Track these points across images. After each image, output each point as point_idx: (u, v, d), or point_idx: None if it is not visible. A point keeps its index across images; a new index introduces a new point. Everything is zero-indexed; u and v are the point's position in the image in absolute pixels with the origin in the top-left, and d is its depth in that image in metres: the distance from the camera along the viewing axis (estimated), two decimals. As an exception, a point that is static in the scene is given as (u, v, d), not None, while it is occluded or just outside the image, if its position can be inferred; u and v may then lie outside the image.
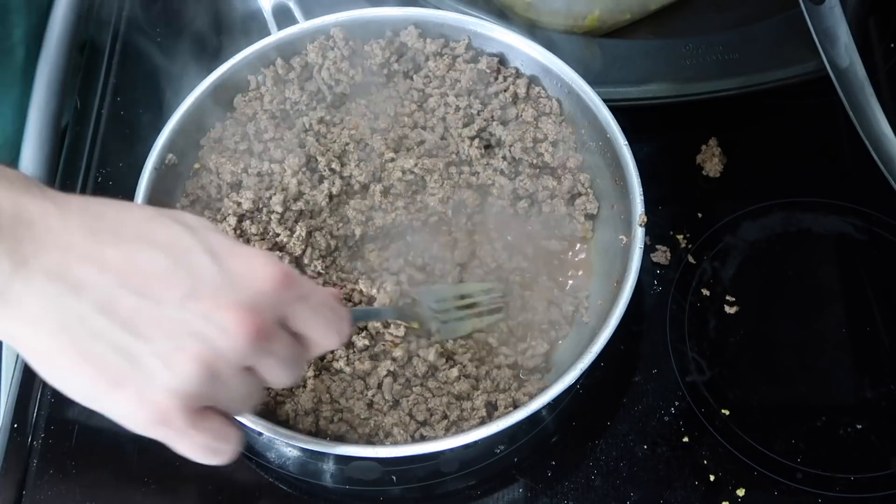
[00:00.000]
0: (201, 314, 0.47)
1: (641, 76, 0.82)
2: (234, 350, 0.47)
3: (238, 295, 0.47)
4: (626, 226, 0.71)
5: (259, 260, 0.49)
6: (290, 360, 0.51)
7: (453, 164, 0.76)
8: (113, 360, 0.47)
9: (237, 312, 0.47)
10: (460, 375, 0.68)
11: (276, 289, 0.49)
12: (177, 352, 0.46)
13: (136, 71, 0.91)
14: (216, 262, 0.48)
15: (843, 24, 0.80)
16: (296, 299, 0.50)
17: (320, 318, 0.51)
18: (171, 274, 0.47)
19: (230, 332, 0.47)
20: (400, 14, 0.80)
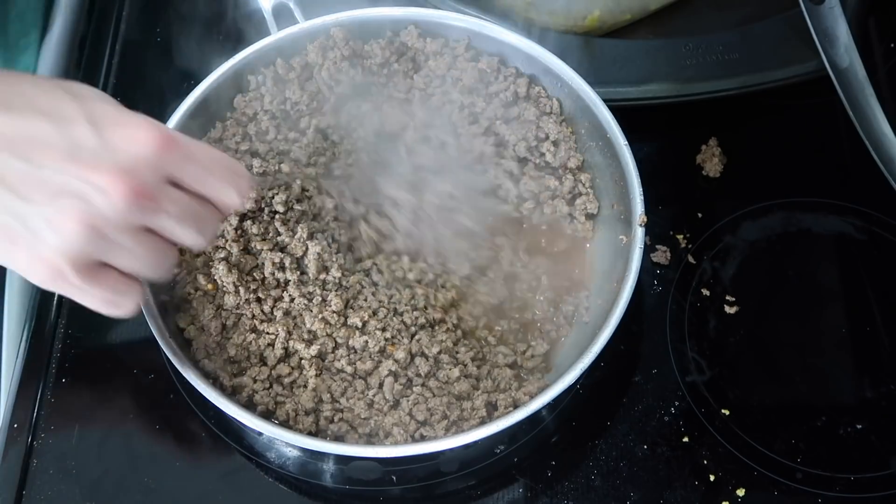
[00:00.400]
0: (80, 177, 0.51)
1: (641, 76, 0.82)
2: (113, 211, 0.51)
3: (116, 159, 0.51)
4: (626, 226, 0.71)
5: (139, 126, 0.52)
6: (188, 218, 0.55)
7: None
8: (7, 222, 0.51)
9: (114, 175, 0.51)
10: (461, 375, 0.68)
11: (156, 151, 0.52)
12: (59, 214, 0.51)
13: (136, 71, 0.91)
14: (97, 130, 0.51)
15: (843, 24, 0.80)
16: (182, 160, 0.54)
17: (213, 175, 0.55)
18: (53, 140, 0.51)
19: (108, 193, 0.51)
20: (400, 14, 0.80)
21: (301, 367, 0.68)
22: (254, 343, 0.68)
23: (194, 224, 0.55)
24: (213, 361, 0.67)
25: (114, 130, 0.52)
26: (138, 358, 0.74)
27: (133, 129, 0.52)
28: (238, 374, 0.68)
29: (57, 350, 0.75)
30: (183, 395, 0.73)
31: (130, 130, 0.52)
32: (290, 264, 0.69)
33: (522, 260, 0.75)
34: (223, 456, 0.72)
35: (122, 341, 0.76)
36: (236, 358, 0.68)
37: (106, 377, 0.75)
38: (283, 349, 0.68)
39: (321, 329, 0.68)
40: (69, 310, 0.77)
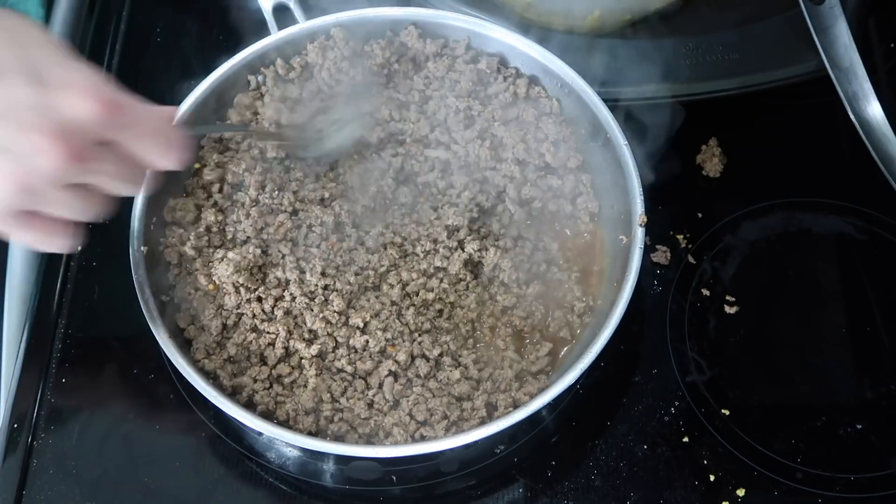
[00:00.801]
0: (16, 136, 0.49)
1: (641, 76, 0.82)
2: (48, 171, 0.50)
3: (55, 121, 0.50)
4: (626, 226, 0.71)
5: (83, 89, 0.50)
6: (122, 176, 0.54)
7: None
8: None
9: (47, 136, 0.49)
10: (461, 377, 0.68)
11: (97, 117, 0.51)
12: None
13: (136, 71, 0.90)
14: (36, 86, 0.49)
15: (843, 24, 0.80)
16: (120, 126, 0.53)
17: (148, 143, 0.55)
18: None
19: (44, 154, 0.50)
20: (400, 14, 0.80)
21: (301, 366, 0.68)
22: (254, 343, 0.68)
23: (124, 179, 0.55)
24: (213, 361, 0.67)
25: (56, 91, 0.50)
26: (138, 358, 0.74)
27: (76, 93, 0.50)
28: (238, 374, 0.68)
29: (57, 350, 0.75)
30: (183, 395, 0.73)
31: (73, 93, 0.50)
32: (291, 263, 0.69)
33: (528, 261, 0.75)
34: (223, 456, 0.72)
35: (123, 341, 0.76)
36: (236, 358, 0.68)
37: (106, 377, 0.75)
38: (284, 349, 0.68)
39: (322, 329, 0.68)
40: (69, 310, 0.77)
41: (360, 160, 0.77)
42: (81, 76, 0.51)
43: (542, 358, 0.70)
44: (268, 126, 0.76)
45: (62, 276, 0.79)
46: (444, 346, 0.69)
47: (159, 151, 0.56)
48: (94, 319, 0.77)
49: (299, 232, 0.73)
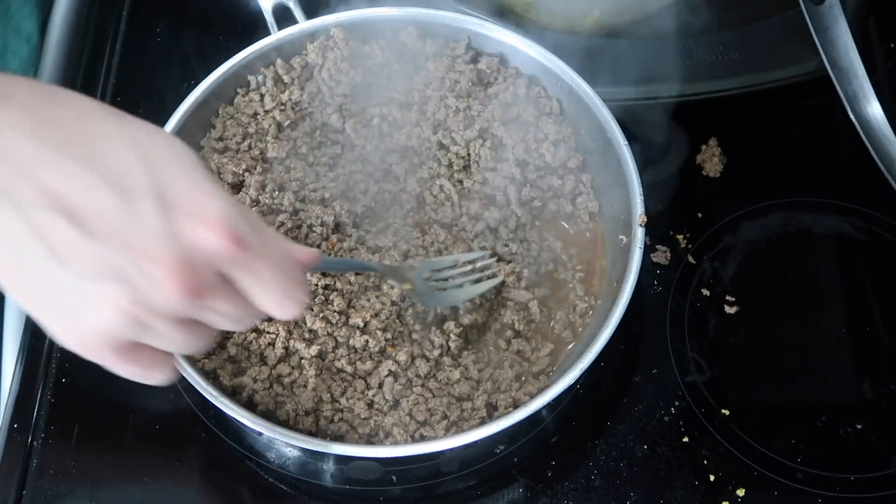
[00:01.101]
0: (133, 261, 0.44)
1: (641, 76, 0.82)
2: (162, 304, 0.46)
3: (177, 249, 0.45)
4: (626, 226, 0.71)
5: (212, 214, 0.46)
6: (234, 316, 0.49)
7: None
8: (45, 287, 0.46)
9: (170, 268, 0.45)
10: (461, 377, 0.68)
11: (222, 253, 0.46)
12: (101, 295, 0.45)
13: (136, 71, 0.91)
14: (163, 210, 0.45)
15: (843, 23, 0.80)
16: (245, 263, 0.47)
17: (268, 288, 0.48)
18: (112, 211, 0.44)
19: (161, 286, 0.45)
20: (400, 14, 0.79)
21: (301, 366, 0.68)
22: (254, 342, 0.68)
23: (236, 319, 0.49)
24: (212, 361, 0.67)
25: (183, 217, 0.45)
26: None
27: (204, 223, 0.45)
28: (238, 374, 0.68)
29: (57, 350, 0.75)
30: (183, 396, 0.73)
31: (201, 224, 0.45)
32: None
33: (531, 262, 0.75)
34: (223, 456, 0.72)
35: (122, 341, 0.76)
36: (236, 357, 0.68)
37: (106, 377, 0.74)
38: (284, 349, 0.68)
39: (322, 328, 0.68)
40: (69, 310, 0.77)
41: (361, 158, 0.77)
42: (213, 205, 0.46)
43: (543, 358, 0.70)
44: (267, 127, 0.76)
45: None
46: (443, 346, 0.69)
47: (277, 300, 0.49)
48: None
49: (299, 232, 0.73)
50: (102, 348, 0.47)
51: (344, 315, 0.69)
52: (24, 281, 0.46)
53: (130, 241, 0.44)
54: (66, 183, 0.44)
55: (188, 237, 0.45)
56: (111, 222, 0.44)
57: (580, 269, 0.75)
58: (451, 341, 0.69)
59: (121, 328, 0.46)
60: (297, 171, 0.75)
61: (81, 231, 0.44)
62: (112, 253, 0.44)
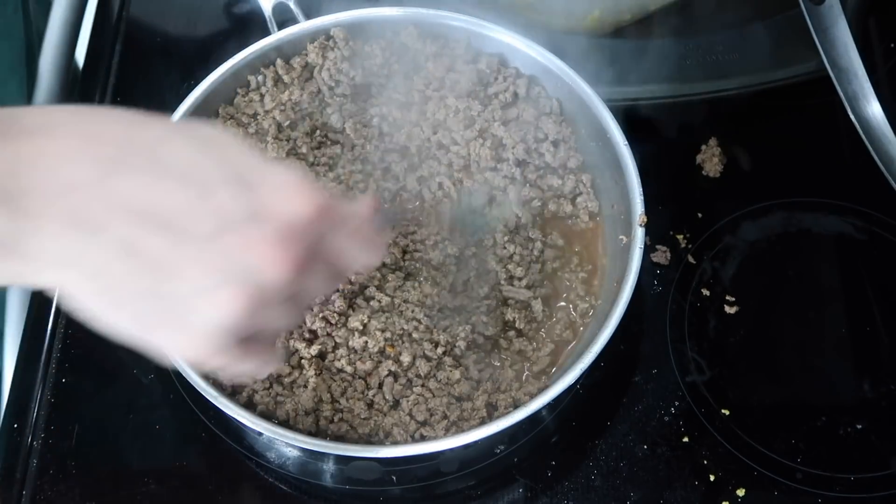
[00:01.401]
0: (236, 250, 0.43)
1: (641, 76, 0.82)
2: (275, 284, 0.44)
3: (272, 227, 0.44)
4: (626, 226, 0.71)
5: (292, 188, 0.45)
6: (327, 278, 0.49)
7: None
8: (148, 305, 0.43)
9: (274, 248, 0.43)
10: (462, 378, 0.68)
11: (311, 219, 0.45)
12: (217, 290, 0.43)
13: (136, 71, 0.90)
14: (243, 191, 0.43)
15: (843, 24, 0.80)
16: (330, 227, 0.47)
17: (354, 244, 0.49)
18: (196, 208, 0.42)
19: (270, 267, 0.43)
20: (400, 14, 0.79)
21: (301, 366, 0.68)
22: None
23: (328, 283, 0.50)
24: (213, 361, 0.67)
25: (264, 191, 0.44)
26: (138, 358, 0.74)
27: (287, 191, 0.45)
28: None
29: (57, 350, 0.75)
30: (183, 395, 0.73)
31: (286, 194, 0.45)
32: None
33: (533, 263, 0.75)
34: (223, 456, 0.72)
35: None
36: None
37: (106, 377, 0.75)
38: (284, 349, 0.68)
39: (322, 328, 0.68)
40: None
41: (361, 158, 0.77)
42: (286, 176, 0.45)
43: (544, 357, 0.70)
44: (267, 127, 0.76)
45: (62, 276, 0.79)
46: (446, 345, 0.69)
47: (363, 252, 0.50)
48: (94, 319, 0.77)
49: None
50: (221, 351, 0.46)
51: (344, 316, 0.69)
52: (124, 306, 0.44)
53: (226, 231, 0.43)
54: (141, 194, 0.42)
55: (279, 210, 0.44)
56: (201, 219, 0.43)
57: (581, 269, 0.74)
58: (461, 339, 0.69)
59: (239, 323, 0.44)
60: (297, 170, 0.75)
61: (173, 236, 0.42)
62: (212, 250, 0.43)
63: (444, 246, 0.73)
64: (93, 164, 0.42)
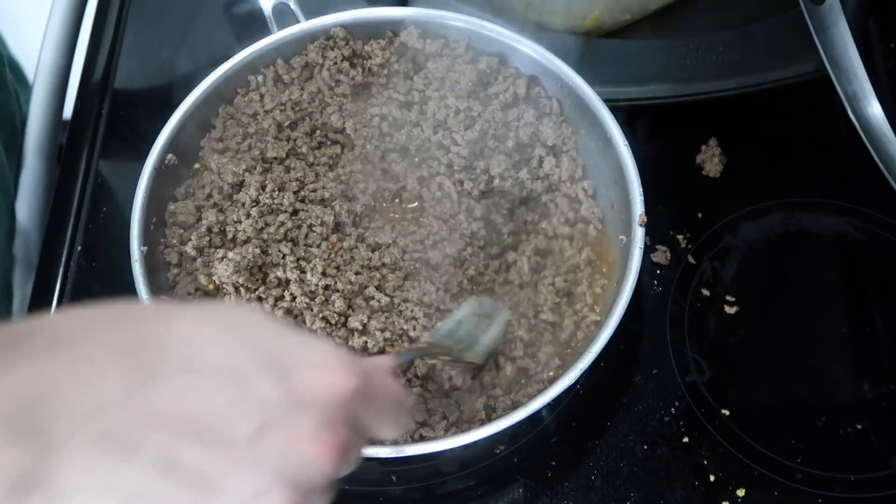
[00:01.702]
0: (280, 449, 0.40)
1: (641, 76, 0.82)
2: (322, 478, 0.42)
3: (314, 418, 0.41)
4: (626, 226, 0.71)
5: (327, 369, 0.42)
6: (357, 457, 0.45)
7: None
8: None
9: (318, 441, 0.41)
10: (461, 378, 0.68)
11: (349, 401, 0.43)
12: (265, 497, 0.40)
13: (136, 71, 0.90)
14: (281, 381, 0.41)
15: (843, 24, 0.80)
16: (368, 402, 0.44)
17: (386, 418, 0.46)
18: (235, 408, 0.40)
19: (315, 462, 0.41)
20: (400, 14, 0.80)
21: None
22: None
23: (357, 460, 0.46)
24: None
25: (300, 377, 0.42)
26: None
27: (323, 374, 0.42)
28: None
29: (57, 350, 0.75)
30: (183, 395, 0.73)
31: (320, 375, 0.42)
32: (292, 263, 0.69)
33: (533, 262, 0.74)
34: (223, 456, 0.72)
35: (122, 341, 0.75)
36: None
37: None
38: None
39: (321, 329, 0.68)
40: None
41: (361, 158, 0.77)
42: (320, 352, 0.43)
43: (552, 365, 0.70)
44: (267, 127, 0.76)
45: (62, 275, 0.79)
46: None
47: (395, 424, 0.47)
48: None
49: (299, 232, 0.73)
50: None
51: (344, 316, 0.69)
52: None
53: (269, 429, 0.40)
54: (177, 402, 0.39)
55: (319, 399, 0.42)
56: (243, 418, 0.40)
57: (599, 286, 0.73)
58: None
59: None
60: (297, 171, 0.75)
61: (215, 444, 0.39)
62: (256, 453, 0.40)
63: (442, 246, 0.73)
64: (122, 376, 0.39)
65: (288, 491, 0.40)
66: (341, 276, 0.71)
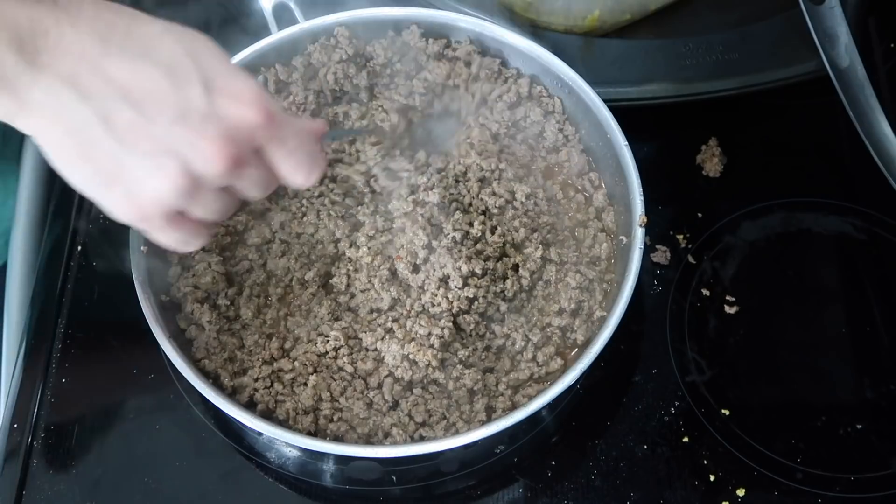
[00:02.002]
0: (186, 139, 0.52)
1: (641, 76, 0.82)
2: (210, 175, 0.53)
3: (221, 126, 0.52)
4: (626, 226, 0.71)
5: (247, 95, 0.53)
6: (261, 182, 0.57)
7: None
8: (106, 165, 0.52)
9: (218, 143, 0.52)
10: (460, 379, 0.68)
11: (257, 125, 0.53)
12: (160, 168, 0.52)
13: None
14: (208, 93, 0.52)
15: (843, 24, 0.80)
16: (274, 136, 0.55)
17: (293, 158, 0.57)
18: (167, 96, 0.51)
19: (209, 159, 0.52)
20: (401, 14, 0.80)
21: (302, 364, 0.68)
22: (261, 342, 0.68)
23: (263, 185, 0.57)
24: (213, 361, 0.67)
25: (225, 99, 0.53)
26: (138, 358, 0.74)
27: (243, 98, 0.53)
28: (238, 374, 0.68)
29: (57, 350, 0.75)
30: (183, 395, 0.73)
31: (240, 103, 0.53)
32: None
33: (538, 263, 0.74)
34: (223, 456, 0.72)
35: (122, 341, 0.76)
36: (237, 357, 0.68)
37: (106, 377, 0.75)
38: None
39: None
40: (69, 310, 0.77)
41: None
42: (247, 86, 0.54)
43: (552, 364, 0.70)
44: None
45: (62, 276, 0.79)
46: (455, 352, 0.68)
47: (300, 167, 0.57)
48: (94, 319, 0.77)
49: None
50: (155, 216, 0.54)
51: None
52: (87, 163, 0.52)
53: (184, 121, 0.52)
54: (128, 74, 0.51)
55: (230, 115, 0.53)
56: (168, 106, 0.51)
57: (607, 281, 0.73)
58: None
59: (173, 197, 0.53)
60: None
61: (143, 114, 0.51)
62: (169, 132, 0.51)
63: None
64: (98, 42, 0.51)
65: (178, 169, 0.52)
66: None
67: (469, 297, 0.68)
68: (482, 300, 0.69)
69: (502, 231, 0.72)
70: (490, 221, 0.72)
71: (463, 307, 0.68)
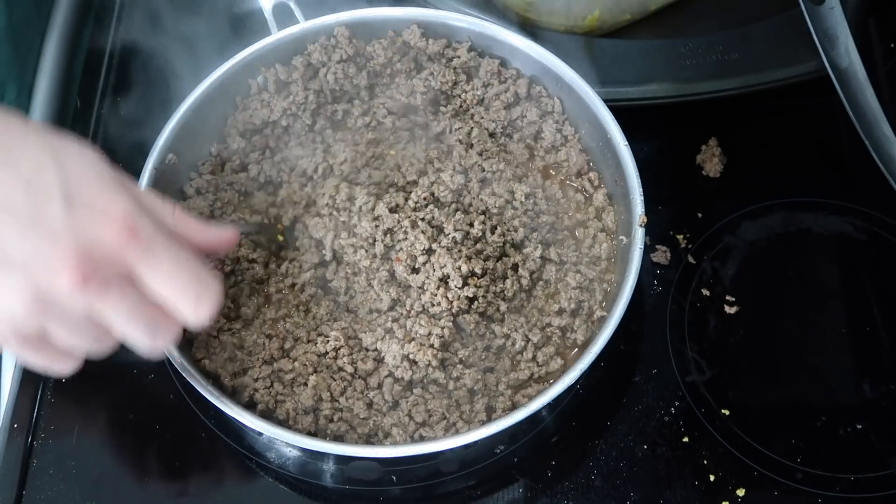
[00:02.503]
0: (35, 252, 0.48)
1: (641, 76, 0.82)
2: (59, 293, 0.49)
3: (76, 239, 0.48)
4: (626, 226, 0.71)
5: (114, 212, 0.50)
6: (138, 318, 0.51)
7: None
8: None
9: (70, 258, 0.48)
10: (460, 379, 0.68)
11: (118, 240, 0.49)
12: (5, 285, 0.49)
13: (135, 71, 0.91)
14: (68, 205, 0.49)
15: (843, 24, 0.80)
16: (143, 258, 0.50)
17: (171, 284, 0.51)
18: (20, 208, 0.48)
19: (57, 272, 0.48)
20: (401, 14, 0.80)
21: (303, 364, 0.68)
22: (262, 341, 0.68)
23: (145, 326, 0.52)
24: (213, 361, 0.67)
25: (86, 213, 0.49)
26: (138, 358, 0.74)
27: (104, 217, 0.49)
28: (238, 374, 0.67)
29: (57, 350, 0.75)
30: (183, 395, 0.73)
31: (101, 217, 0.49)
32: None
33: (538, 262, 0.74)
34: (223, 456, 0.72)
35: (123, 341, 0.76)
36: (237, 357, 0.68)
37: (106, 377, 0.75)
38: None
39: (321, 329, 0.68)
40: (69, 310, 0.77)
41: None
42: (116, 203, 0.50)
43: (552, 364, 0.70)
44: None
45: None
46: (456, 352, 0.69)
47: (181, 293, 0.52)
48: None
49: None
50: (8, 337, 0.51)
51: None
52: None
53: (35, 231, 0.48)
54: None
55: (88, 228, 0.49)
56: (19, 215, 0.48)
57: (608, 280, 0.73)
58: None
59: (22, 316, 0.49)
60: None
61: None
62: (19, 246, 0.48)
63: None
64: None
65: (27, 286, 0.48)
66: None
67: (469, 296, 0.68)
68: (482, 300, 0.69)
69: (502, 231, 0.72)
70: (490, 221, 0.72)
71: (463, 307, 0.68)
